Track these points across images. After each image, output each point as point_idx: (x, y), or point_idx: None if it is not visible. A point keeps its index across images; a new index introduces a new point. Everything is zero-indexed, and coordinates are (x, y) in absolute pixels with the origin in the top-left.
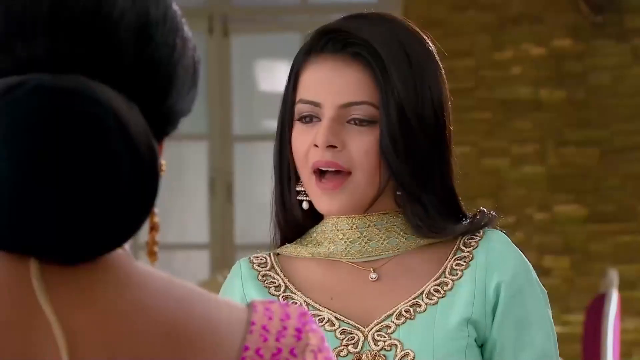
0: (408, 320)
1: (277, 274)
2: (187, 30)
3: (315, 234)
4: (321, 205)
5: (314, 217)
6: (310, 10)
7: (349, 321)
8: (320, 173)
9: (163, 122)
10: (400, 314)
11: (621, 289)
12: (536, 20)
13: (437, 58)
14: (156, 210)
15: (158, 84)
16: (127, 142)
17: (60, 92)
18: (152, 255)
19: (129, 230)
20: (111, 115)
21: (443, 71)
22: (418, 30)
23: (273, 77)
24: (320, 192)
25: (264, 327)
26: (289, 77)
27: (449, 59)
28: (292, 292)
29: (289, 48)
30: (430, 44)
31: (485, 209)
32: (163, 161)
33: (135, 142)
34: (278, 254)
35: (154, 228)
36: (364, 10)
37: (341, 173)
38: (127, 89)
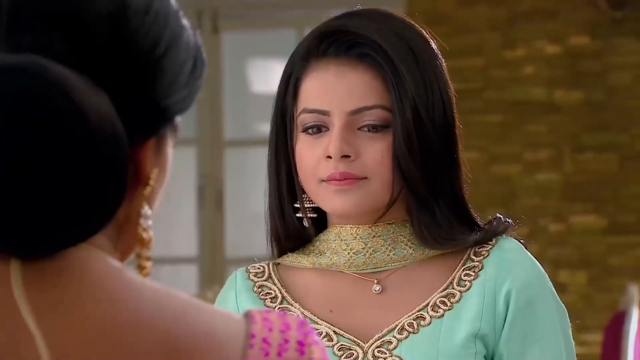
0: (411, 335)
1: (274, 284)
2: (183, 25)
3: (318, 243)
4: (335, 205)
5: (317, 227)
6: (306, 5)
7: (349, 336)
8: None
9: (146, 116)
10: (402, 328)
11: None
12: (550, 16)
13: (438, 51)
14: (149, 223)
15: (136, 74)
16: (81, 123)
17: (6, 71)
18: (142, 269)
19: (91, 220)
20: (62, 94)
21: (445, 64)
22: (415, 23)
23: (267, 77)
24: (334, 189)
25: (264, 340)
26: (286, 84)
27: (456, 58)
28: (289, 303)
29: (284, 46)
30: (429, 37)
31: (501, 215)
32: (155, 169)
33: (91, 124)
34: (278, 264)
35: (142, 242)
36: (364, 5)
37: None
38: (96, 75)
